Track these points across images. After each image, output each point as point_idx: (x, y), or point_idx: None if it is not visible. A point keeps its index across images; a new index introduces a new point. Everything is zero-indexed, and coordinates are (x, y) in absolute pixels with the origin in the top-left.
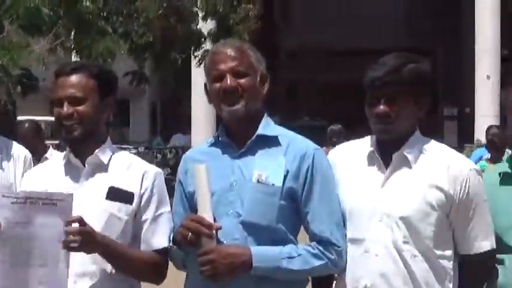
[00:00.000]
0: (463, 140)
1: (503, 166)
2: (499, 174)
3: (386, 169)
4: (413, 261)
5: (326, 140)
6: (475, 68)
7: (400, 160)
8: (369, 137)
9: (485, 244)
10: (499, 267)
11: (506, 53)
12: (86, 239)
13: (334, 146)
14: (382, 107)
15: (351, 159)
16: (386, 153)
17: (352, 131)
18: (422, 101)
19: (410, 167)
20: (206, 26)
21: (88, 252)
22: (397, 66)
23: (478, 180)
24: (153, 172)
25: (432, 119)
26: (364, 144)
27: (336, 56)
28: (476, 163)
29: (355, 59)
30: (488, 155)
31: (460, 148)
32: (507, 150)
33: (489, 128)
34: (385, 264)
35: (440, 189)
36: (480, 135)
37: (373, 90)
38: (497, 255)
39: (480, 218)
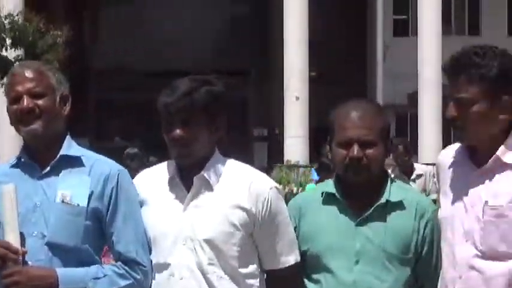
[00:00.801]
0: (273, 161)
1: (326, 186)
2: (322, 193)
3: (188, 192)
4: (219, 282)
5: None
6: (284, 89)
7: (200, 183)
8: (171, 160)
9: (290, 259)
10: (315, 286)
11: (314, 74)
12: None
13: (130, 169)
14: (177, 131)
15: (153, 184)
16: (188, 177)
17: (164, 153)
18: (218, 123)
19: (211, 189)
20: (14, 53)
21: None
22: (188, 90)
23: (279, 199)
24: None
25: (243, 139)
26: (166, 169)
27: (148, 77)
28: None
29: (167, 80)
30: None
31: (270, 168)
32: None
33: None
34: (190, 287)
35: (243, 209)
36: (289, 155)
37: (167, 115)
38: (314, 275)
39: (283, 234)
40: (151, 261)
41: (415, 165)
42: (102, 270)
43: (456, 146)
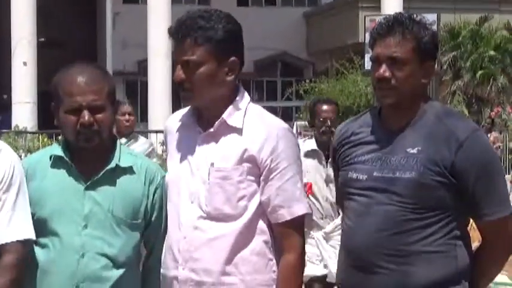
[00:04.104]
0: (4, 127)
1: (54, 149)
2: (50, 157)
3: None
4: None
5: None
6: (11, 55)
7: None
8: None
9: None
10: (42, 251)
11: (43, 40)
12: None
13: None
14: None
15: None
16: None
17: None
18: None
19: None
20: None
21: None
22: None
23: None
24: None
25: None
26: None
27: None
28: None
29: None
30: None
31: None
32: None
33: None
34: None
35: None
36: (17, 121)
37: None
38: (42, 240)
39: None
40: None
41: None
42: None
43: (185, 110)
